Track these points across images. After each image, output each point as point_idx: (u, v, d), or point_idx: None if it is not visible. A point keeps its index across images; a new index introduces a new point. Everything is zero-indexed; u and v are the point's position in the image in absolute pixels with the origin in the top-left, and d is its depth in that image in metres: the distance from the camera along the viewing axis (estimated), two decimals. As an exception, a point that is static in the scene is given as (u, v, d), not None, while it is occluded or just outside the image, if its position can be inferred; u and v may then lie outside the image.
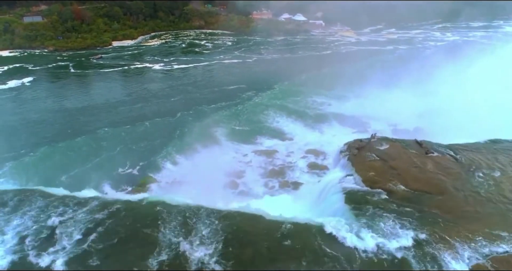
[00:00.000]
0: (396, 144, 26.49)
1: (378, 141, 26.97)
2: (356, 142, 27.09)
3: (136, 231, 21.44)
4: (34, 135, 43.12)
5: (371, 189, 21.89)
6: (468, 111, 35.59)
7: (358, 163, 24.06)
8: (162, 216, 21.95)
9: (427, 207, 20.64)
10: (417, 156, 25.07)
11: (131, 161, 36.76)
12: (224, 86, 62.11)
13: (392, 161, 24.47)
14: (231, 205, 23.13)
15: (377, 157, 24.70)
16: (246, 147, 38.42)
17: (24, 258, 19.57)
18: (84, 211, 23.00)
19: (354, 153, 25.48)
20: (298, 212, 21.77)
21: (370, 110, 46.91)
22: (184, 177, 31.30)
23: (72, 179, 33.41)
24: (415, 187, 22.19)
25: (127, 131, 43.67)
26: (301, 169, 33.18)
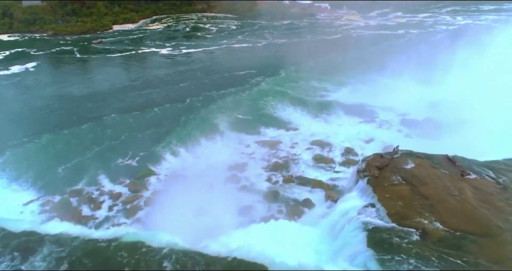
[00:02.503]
0: (424, 162, 21.50)
1: (402, 157, 22.16)
2: (376, 158, 22.41)
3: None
4: (38, 122, 41.24)
5: (399, 227, 16.86)
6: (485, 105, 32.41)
7: (381, 189, 19.37)
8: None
9: (470, 255, 15.63)
10: (452, 180, 19.81)
11: (133, 151, 34.74)
12: (234, 71, 59.19)
13: (422, 187, 19.32)
14: (231, 235, 19.01)
15: (402, 180, 19.73)
16: (249, 137, 36.12)
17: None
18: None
19: (375, 175, 20.46)
20: (307, 249, 17.43)
21: (378, 98, 43.96)
22: (184, 171, 29.24)
23: (69, 170, 31.57)
24: (453, 225, 17.07)
25: (135, 117, 41.51)
26: (306, 163, 30.89)
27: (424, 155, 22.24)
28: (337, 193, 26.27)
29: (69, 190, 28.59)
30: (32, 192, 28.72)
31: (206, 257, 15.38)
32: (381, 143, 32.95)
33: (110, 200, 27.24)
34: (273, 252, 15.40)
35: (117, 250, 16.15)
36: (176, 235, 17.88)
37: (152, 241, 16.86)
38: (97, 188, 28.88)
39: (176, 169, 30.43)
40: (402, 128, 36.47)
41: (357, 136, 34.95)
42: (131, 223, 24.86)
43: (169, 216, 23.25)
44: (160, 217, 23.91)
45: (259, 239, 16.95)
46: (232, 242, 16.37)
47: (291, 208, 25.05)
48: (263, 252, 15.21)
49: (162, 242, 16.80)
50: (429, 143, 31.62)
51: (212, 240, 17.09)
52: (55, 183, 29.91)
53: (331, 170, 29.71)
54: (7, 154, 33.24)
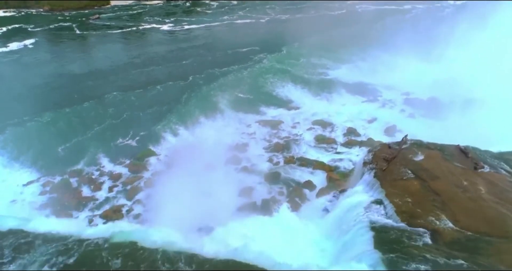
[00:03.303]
0: (435, 153, 19.20)
1: (411, 147, 20.17)
2: (384, 148, 20.15)
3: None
4: (39, 100, 39.97)
5: (408, 227, 15.14)
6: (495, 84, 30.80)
7: (389, 183, 17.29)
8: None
9: (486, 258, 13.48)
10: (464, 173, 17.46)
11: (133, 130, 33.78)
12: (237, 48, 56.89)
13: (433, 181, 16.71)
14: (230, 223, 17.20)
15: (412, 173, 17.52)
16: (250, 117, 34.99)
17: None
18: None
19: (383, 167, 18.07)
20: (310, 248, 16.00)
21: (381, 76, 42.52)
22: (184, 151, 28.26)
23: (69, 150, 30.76)
24: (467, 225, 15.15)
25: (138, 95, 40.06)
26: (307, 143, 29.87)
27: (434, 145, 20.27)
28: (338, 175, 25.64)
29: (69, 171, 27.86)
30: (32, 172, 28.06)
31: (203, 258, 13.99)
32: (384, 123, 31.98)
33: (110, 181, 26.57)
34: (274, 251, 14.01)
35: (108, 251, 14.88)
36: (172, 230, 16.56)
37: (145, 241, 15.38)
38: (97, 168, 28.17)
39: (176, 149, 29.53)
40: (406, 107, 35.15)
41: (360, 116, 33.80)
42: (131, 204, 24.42)
43: (169, 198, 22.63)
44: (160, 199, 23.34)
45: (260, 235, 15.61)
46: (231, 238, 14.99)
47: (292, 190, 24.38)
48: (264, 251, 13.84)
49: (156, 242, 15.25)
50: (433, 123, 30.67)
51: (210, 239, 15.53)
52: (55, 163, 29.19)
53: (332, 151, 28.79)
54: (7, 133, 32.44)
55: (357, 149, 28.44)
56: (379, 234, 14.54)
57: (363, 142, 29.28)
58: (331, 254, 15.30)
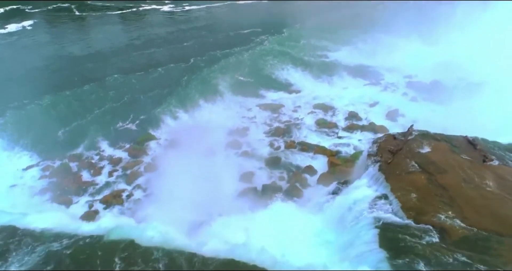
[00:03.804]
0: (442, 145, 17.90)
1: (417, 138, 18.83)
2: (389, 139, 18.88)
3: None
4: (38, 83, 38.74)
5: (415, 224, 13.98)
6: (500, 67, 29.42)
7: (394, 177, 16.08)
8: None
9: (496, 259, 12.60)
10: (473, 166, 16.61)
11: (134, 114, 32.81)
12: (239, 29, 55.05)
13: (440, 175, 16.14)
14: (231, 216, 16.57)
15: (418, 167, 16.29)
16: (250, 100, 33.93)
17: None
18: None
19: (388, 160, 17.35)
20: (311, 244, 14.90)
21: (383, 58, 41.10)
22: (184, 135, 27.22)
23: (69, 134, 29.80)
24: (476, 222, 13.95)
25: (139, 78, 38.76)
26: (308, 127, 28.92)
27: (441, 136, 18.97)
28: (339, 160, 24.86)
29: (68, 155, 27.11)
30: (31, 156, 27.31)
31: (202, 258, 12.91)
32: (386, 107, 30.95)
33: (110, 166, 25.81)
34: (275, 247, 13.16)
35: (103, 250, 13.86)
36: (170, 226, 15.25)
37: (142, 238, 14.28)
38: (96, 152, 27.41)
39: (176, 133, 28.56)
40: (408, 91, 33.98)
41: (362, 99, 32.70)
42: (131, 189, 23.76)
43: (169, 183, 21.94)
44: (160, 185, 22.67)
45: (261, 228, 14.70)
46: (231, 233, 14.01)
47: (293, 175, 23.66)
48: (265, 248, 12.94)
49: (153, 240, 14.18)
50: (436, 107, 29.75)
51: (209, 234, 14.45)
52: (54, 147, 28.37)
53: (334, 135, 27.90)
54: (7, 116, 31.53)
55: (359, 134, 27.64)
56: (384, 232, 13.48)
57: (364, 126, 28.44)
58: (334, 252, 14.34)
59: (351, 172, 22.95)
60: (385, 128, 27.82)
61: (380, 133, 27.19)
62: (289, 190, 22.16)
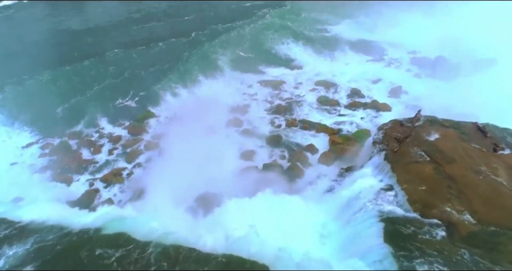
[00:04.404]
0: (451, 132, 16.44)
1: (425, 125, 17.41)
2: (395, 126, 17.41)
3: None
4: (37, 58, 37.08)
5: (421, 218, 12.78)
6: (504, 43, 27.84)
7: (400, 167, 14.74)
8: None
9: (506, 256, 11.49)
10: (483, 156, 15.27)
11: (133, 90, 31.61)
12: (241, 2, 52.31)
13: (449, 165, 14.76)
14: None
15: (426, 155, 15.00)
16: (251, 76, 32.41)
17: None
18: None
19: (394, 149, 15.96)
20: (313, 236, 13.75)
21: (386, 33, 39.04)
22: (184, 113, 26.25)
23: (68, 111, 28.81)
24: (486, 216, 12.70)
25: (140, 53, 37.11)
26: (310, 105, 27.67)
27: (450, 122, 17.49)
28: (341, 138, 23.89)
29: (68, 132, 26.25)
30: (31, 134, 26.51)
31: (202, 254, 11.84)
32: (389, 84, 29.54)
33: (110, 144, 24.98)
34: (276, 240, 12.20)
35: (97, 246, 12.70)
36: (168, 218, 14.21)
37: (139, 232, 13.15)
38: (96, 130, 26.53)
39: (176, 110, 27.52)
40: (412, 67, 32.41)
41: (364, 75, 31.22)
42: (132, 167, 22.97)
43: (169, 162, 21.14)
44: (160, 163, 21.86)
45: (260, 220, 13.52)
46: (230, 223, 13.04)
47: (294, 154, 22.75)
48: (266, 241, 12.05)
49: (150, 234, 13.01)
50: (440, 84, 28.38)
51: (209, 226, 13.28)
52: (54, 124, 27.41)
53: (336, 113, 26.73)
54: (6, 92, 30.37)
55: (361, 112, 26.45)
56: (389, 226, 12.38)
57: (367, 104, 27.17)
58: (336, 245, 13.32)
59: (352, 151, 22.17)
60: (388, 106, 26.67)
61: (383, 111, 26.39)
62: (290, 169, 21.45)
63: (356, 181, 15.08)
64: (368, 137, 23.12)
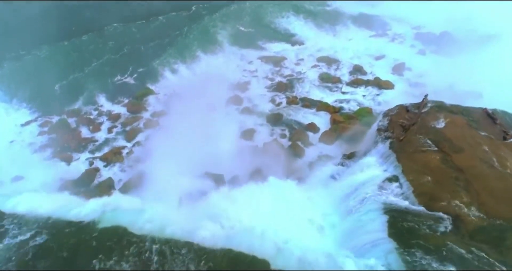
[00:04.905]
0: (458, 119, 15.07)
1: (431, 111, 15.97)
2: (401, 112, 16.36)
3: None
4: (35, 33, 35.25)
5: (427, 211, 11.76)
6: None
7: (406, 157, 13.60)
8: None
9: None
10: (492, 144, 14.06)
11: (132, 66, 30.39)
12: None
13: (456, 155, 13.56)
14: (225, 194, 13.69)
15: (433, 144, 14.06)
16: (251, 52, 30.98)
17: None
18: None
19: (400, 137, 14.71)
20: (314, 224, 12.83)
21: (390, 7, 36.82)
22: (184, 90, 25.24)
23: (66, 88, 27.65)
24: (494, 210, 11.67)
25: (139, 27, 35.53)
26: (311, 82, 26.48)
27: (458, 108, 16.02)
28: (342, 117, 22.98)
29: (66, 110, 25.32)
30: (29, 111, 25.59)
31: (199, 248, 11.03)
32: (392, 61, 28.24)
33: (109, 122, 24.12)
34: (276, 231, 11.35)
35: (92, 242, 11.79)
36: (166, 208, 13.28)
37: (135, 225, 12.24)
38: (95, 107, 25.57)
39: (175, 88, 26.42)
40: (416, 43, 30.85)
41: (367, 51, 29.85)
42: (131, 146, 22.16)
43: (168, 141, 20.28)
44: (159, 142, 21.03)
45: (260, 208, 12.64)
46: (229, 212, 12.07)
47: (295, 133, 21.93)
48: (266, 233, 11.22)
49: (146, 227, 12.12)
50: (445, 61, 26.99)
51: (208, 218, 12.02)
52: (52, 101, 26.39)
53: (337, 90, 25.65)
54: (5, 67, 29.27)
55: (363, 89, 25.37)
56: (393, 219, 11.46)
57: (369, 81, 26.02)
58: (338, 238, 12.42)
59: (353, 130, 21.40)
60: (390, 83, 25.52)
61: (385, 89, 25.34)
62: (290, 148, 20.69)
63: (359, 171, 14.18)
64: (370, 115, 22.48)
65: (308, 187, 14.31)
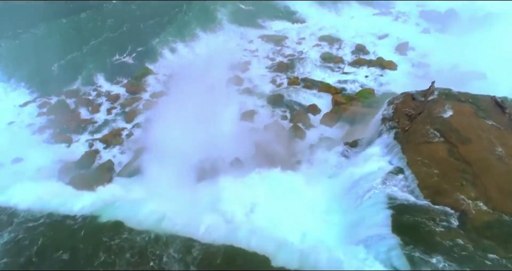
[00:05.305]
0: (466, 108, 14.29)
1: (439, 100, 14.92)
2: (407, 100, 15.17)
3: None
4: (32, 11, 33.71)
5: (433, 205, 10.89)
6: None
7: (412, 148, 12.74)
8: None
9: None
10: (500, 135, 13.02)
11: (131, 45, 29.17)
12: None
13: (463, 146, 12.57)
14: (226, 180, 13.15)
15: (439, 134, 13.09)
16: (252, 31, 29.81)
17: None
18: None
19: (405, 127, 13.64)
20: (315, 215, 12.13)
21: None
22: (183, 70, 24.16)
23: (64, 67, 26.33)
24: (502, 204, 10.82)
25: (139, 4, 33.30)
26: (312, 62, 25.48)
27: (465, 96, 14.97)
28: (344, 98, 22.13)
29: (65, 90, 24.39)
30: (28, 91, 24.55)
31: (199, 245, 10.33)
32: (395, 40, 27.23)
33: (108, 103, 23.36)
34: (277, 224, 10.81)
35: (89, 239, 11.07)
36: (164, 201, 12.29)
37: (134, 219, 11.53)
38: (93, 88, 24.71)
39: (174, 68, 25.47)
40: (421, 21, 29.69)
41: (370, 30, 28.76)
42: (131, 128, 21.47)
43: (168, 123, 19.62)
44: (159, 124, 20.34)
45: (263, 199, 11.98)
46: (229, 206, 11.48)
47: (296, 114, 21.22)
48: (267, 227, 10.66)
49: (145, 222, 11.40)
50: (450, 40, 25.94)
51: (207, 211, 11.50)
52: (50, 81, 25.36)
53: (339, 71, 24.71)
54: (2, 46, 27.95)
55: (365, 69, 24.41)
56: (397, 214, 10.72)
57: (372, 61, 25.02)
58: (340, 232, 11.69)
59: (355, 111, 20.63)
60: (393, 64, 24.56)
61: (388, 69, 24.36)
62: (291, 130, 20.04)
63: (362, 162, 13.37)
64: (372, 96, 21.70)
65: (310, 177, 13.54)
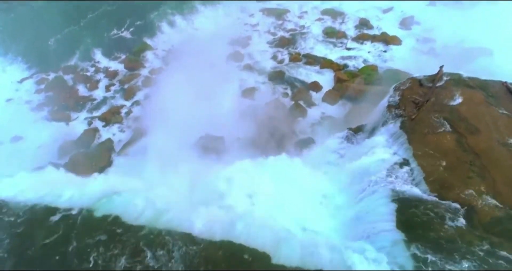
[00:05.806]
0: (476, 95, 12.96)
1: (447, 85, 13.61)
2: (414, 86, 13.79)
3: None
4: (27, -19, 32.54)
5: (439, 200, 10.08)
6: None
7: (418, 138, 11.66)
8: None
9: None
10: (511, 124, 11.96)
11: (129, 19, 27.53)
12: None
13: (472, 136, 11.51)
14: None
15: (448, 124, 11.97)
16: (252, 4, 27.98)
17: None
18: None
19: (412, 115, 12.42)
20: (317, 205, 11.38)
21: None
22: (182, 45, 23.27)
23: (61, 42, 25.00)
24: (510, 199, 9.96)
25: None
26: (315, 37, 24.12)
27: (475, 82, 13.60)
28: (346, 75, 21.01)
29: (62, 66, 23.29)
30: (25, 66, 23.44)
31: (196, 240, 9.62)
32: (400, 13, 25.64)
33: (106, 79, 22.31)
34: (277, 216, 10.14)
35: (86, 236, 10.29)
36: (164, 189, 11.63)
37: (130, 214, 10.70)
38: (91, 64, 23.56)
39: (173, 43, 24.32)
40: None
41: (374, 3, 26.91)
42: (130, 105, 20.53)
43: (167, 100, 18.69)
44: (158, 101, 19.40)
45: (261, 189, 11.13)
46: (228, 197, 10.62)
47: (297, 92, 20.22)
48: (267, 220, 9.94)
49: (142, 217, 10.59)
50: (456, 14, 24.22)
51: (207, 205, 10.63)
52: (47, 57, 24.16)
53: (342, 46, 23.42)
54: (-1, 23, 26.73)
55: (369, 45, 23.10)
56: (402, 208, 9.96)
57: (376, 36, 23.62)
58: (342, 224, 10.96)
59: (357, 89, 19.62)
60: (398, 39, 23.20)
61: (392, 44, 23.04)
62: (292, 108, 19.15)
63: (366, 152, 12.35)
64: (375, 73, 20.60)
65: (311, 165, 12.69)
